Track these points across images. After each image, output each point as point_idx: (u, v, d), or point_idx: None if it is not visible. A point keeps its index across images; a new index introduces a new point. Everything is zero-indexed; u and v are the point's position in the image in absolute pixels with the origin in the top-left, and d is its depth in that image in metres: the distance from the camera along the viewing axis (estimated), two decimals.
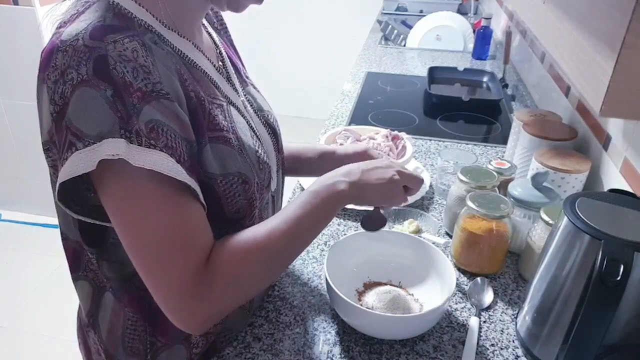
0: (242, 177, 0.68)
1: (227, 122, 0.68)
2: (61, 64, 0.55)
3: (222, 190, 0.66)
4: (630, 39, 0.46)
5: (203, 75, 0.68)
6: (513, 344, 0.80)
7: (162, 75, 0.58)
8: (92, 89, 0.54)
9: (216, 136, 0.65)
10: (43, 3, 2.19)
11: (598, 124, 1.10)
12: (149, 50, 0.57)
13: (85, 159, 0.54)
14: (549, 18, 0.72)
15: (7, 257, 2.44)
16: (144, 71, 0.56)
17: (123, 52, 0.55)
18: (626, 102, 0.50)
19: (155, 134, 0.56)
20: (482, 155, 1.39)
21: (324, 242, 1.03)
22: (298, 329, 0.82)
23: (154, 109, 0.56)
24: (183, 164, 0.58)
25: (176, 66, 0.62)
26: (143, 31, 0.60)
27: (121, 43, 0.56)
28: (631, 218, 0.68)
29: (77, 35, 0.56)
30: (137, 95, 0.55)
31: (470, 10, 2.76)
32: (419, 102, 1.76)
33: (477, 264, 0.93)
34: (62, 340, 2.00)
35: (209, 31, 0.78)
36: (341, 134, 1.25)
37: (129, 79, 0.55)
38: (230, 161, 0.66)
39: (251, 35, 3.74)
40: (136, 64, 0.56)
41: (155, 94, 0.56)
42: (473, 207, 0.90)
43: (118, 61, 0.55)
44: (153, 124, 0.56)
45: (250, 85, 0.82)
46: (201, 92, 0.65)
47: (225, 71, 0.75)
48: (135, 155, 0.54)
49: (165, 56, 0.61)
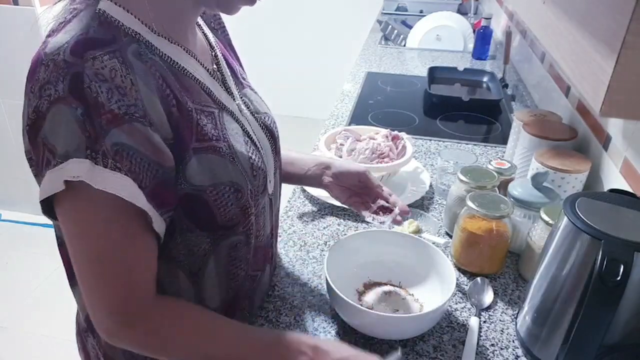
0: (233, 185, 0.67)
1: (217, 130, 0.67)
2: (42, 78, 0.55)
3: (212, 200, 0.65)
4: (630, 39, 0.46)
5: (193, 82, 0.66)
6: (513, 344, 0.80)
7: (143, 95, 0.57)
8: (65, 107, 0.54)
9: (205, 146, 0.64)
10: (43, 3, 2.19)
11: (598, 124, 1.10)
12: (129, 68, 0.56)
13: (54, 179, 0.55)
14: (549, 18, 0.72)
15: (7, 257, 2.44)
16: (119, 92, 0.55)
17: (100, 70, 0.54)
18: (626, 102, 0.50)
19: (120, 157, 0.55)
20: (482, 155, 1.39)
21: (324, 242, 1.03)
22: (298, 329, 0.82)
23: (122, 132, 0.55)
24: (145, 190, 0.57)
25: (159, 81, 0.60)
26: (128, 41, 0.59)
27: (100, 60, 0.55)
28: (631, 218, 0.68)
29: (59, 49, 0.55)
30: (107, 117, 0.54)
31: (470, 10, 2.76)
32: (419, 102, 1.76)
33: (477, 264, 0.93)
34: (62, 341, 2.00)
35: (205, 32, 0.77)
36: (341, 134, 1.25)
37: (101, 99, 0.54)
38: (220, 170, 0.65)
39: (251, 35, 3.74)
40: (112, 85, 0.55)
41: (128, 117, 0.55)
42: (473, 207, 0.90)
43: (93, 80, 0.54)
44: (118, 147, 0.55)
45: (248, 87, 0.81)
46: (189, 102, 0.63)
47: (219, 74, 0.74)
48: (98, 177, 0.55)
49: (148, 72, 0.59)
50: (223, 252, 0.71)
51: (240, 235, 0.72)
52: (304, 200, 1.16)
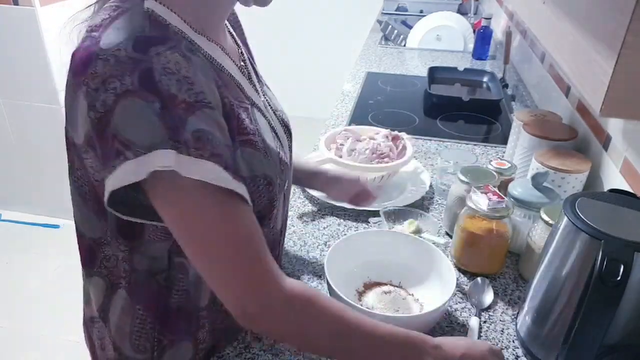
0: (267, 178, 0.69)
1: (252, 124, 0.69)
2: (102, 72, 0.56)
3: (250, 192, 0.66)
4: (630, 39, 0.46)
5: (230, 78, 0.69)
6: (513, 344, 0.80)
7: (203, 84, 0.60)
8: (140, 100, 0.55)
9: (244, 140, 0.66)
10: (43, 3, 2.19)
11: (598, 124, 1.10)
12: (189, 61, 0.59)
13: (136, 169, 0.56)
14: (549, 18, 0.72)
15: (7, 257, 2.44)
16: (187, 82, 0.58)
17: (167, 64, 0.57)
18: (626, 102, 0.50)
19: (202, 144, 0.57)
20: (482, 155, 1.39)
21: (324, 242, 1.03)
22: None
23: (198, 119, 0.57)
24: (229, 170, 0.59)
25: (210, 72, 0.63)
26: (179, 39, 0.61)
27: (164, 56, 0.57)
28: (631, 218, 0.68)
29: (119, 45, 0.56)
30: (182, 106, 0.57)
31: (470, 10, 2.76)
32: (419, 102, 1.76)
33: (477, 264, 0.93)
34: (62, 340, 2.00)
35: (230, 30, 0.79)
36: (341, 134, 1.25)
37: (174, 91, 0.56)
38: (257, 164, 0.67)
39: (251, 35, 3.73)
40: (179, 76, 0.57)
41: (199, 103, 0.58)
42: (473, 207, 0.90)
43: (163, 74, 0.56)
44: (199, 134, 0.57)
45: (265, 85, 0.83)
46: (229, 97, 0.66)
47: (247, 71, 0.76)
48: (184, 166, 0.56)
49: (202, 64, 0.62)
50: None
51: (265, 228, 0.73)
52: (304, 200, 1.16)
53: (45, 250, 2.45)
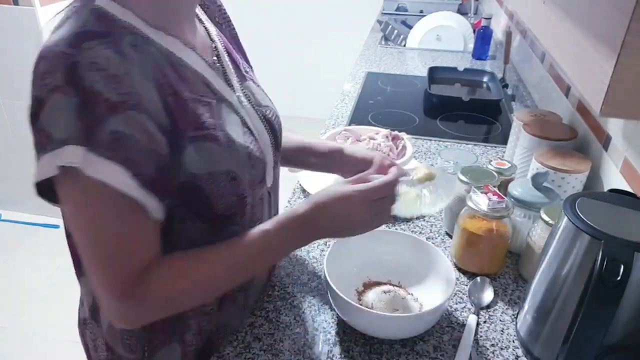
0: (230, 174, 0.68)
1: (214, 119, 0.68)
2: (41, 69, 0.57)
3: (209, 188, 0.66)
4: (630, 39, 0.46)
5: (192, 73, 0.68)
6: (513, 344, 0.80)
7: (137, 84, 0.59)
8: (62, 95, 0.56)
9: (202, 134, 0.66)
10: (43, 3, 2.19)
11: (598, 124, 1.10)
12: (123, 58, 0.58)
13: (49, 163, 0.57)
14: (549, 18, 0.72)
15: (7, 257, 2.45)
16: (115, 81, 0.57)
17: (96, 59, 0.56)
18: (626, 102, 0.50)
19: (117, 145, 0.57)
20: (482, 155, 1.39)
21: (324, 242, 1.03)
22: (298, 329, 0.82)
23: (119, 120, 0.57)
24: (139, 178, 0.59)
25: (155, 70, 0.62)
26: (124, 34, 0.61)
27: (95, 50, 0.57)
28: (631, 218, 0.68)
29: (58, 42, 0.57)
30: (104, 105, 0.56)
31: (470, 10, 2.76)
32: (419, 102, 1.76)
33: (477, 264, 0.93)
34: (62, 340, 2.00)
35: (206, 26, 0.78)
36: (341, 134, 1.25)
37: (97, 87, 0.56)
38: (217, 159, 0.67)
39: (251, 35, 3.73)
40: (107, 73, 0.56)
41: (124, 104, 0.57)
42: (473, 207, 0.90)
43: (88, 69, 0.56)
44: (116, 135, 0.57)
45: (250, 80, 0.82)
46: (185, 92, 0.65)
47: (220, 67, 0.75)
48: (90, 165, 0.56)
49: (144, 60, 0.61)
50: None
51: (237, 226, 0.72)
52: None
53: (45, 250, 2.45)
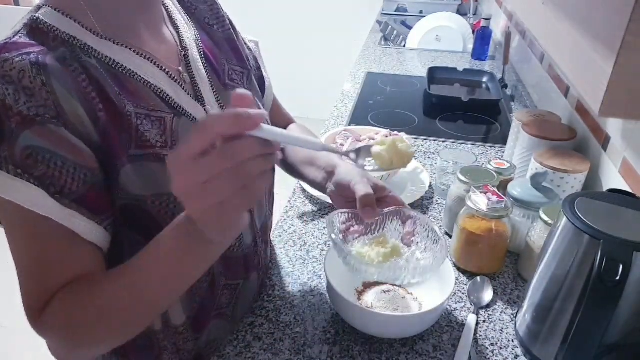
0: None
1: (165, 136, 0.63)
2: None
3: (156, 211, 0.62)
4: (629, 40, 0.46)
5: (142, 85, 0.63)
6: (512, 343, 0.81)
7: (57, 96, 0.55)
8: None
9: (146, 153, 0.61)
10: None
11: (597, 124, 1.10)
12: (41, 69, 0.54)
13: None
14: (548, 19, 0.72)
15: (7, 257, 2.44)
16: (26, 94, 0.53)
17: (8, 72, 0.53)
18: (625, 103, 0.50)
19: (33, 162, 0.53)
20: (481, 156, 1.39)
21: (324, 242, 1.03)
22: (298, 329, 0.82)
23: (34, 135, 0.53)
24: (66, 196, 0.55)
25: (82, 84, 0.57)
26: (56, 46, 0.57)
27: (10, 62, 0.54)
28: (630, 218, 0.68)
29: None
30: (16, 119, 0.53)
31: (469, 11, 2.77)
32: (418, 102, 1.76)
33: (477, 263, 0.93)
34: None
35: (180, 32, 0.72)
36: (341, 134, 1.26)
37: (9, 101, 0.53)
38: (163, 180, 0.61)
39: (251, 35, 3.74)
40: (19, 86, 0.53)
41: (40, 118, 0.54)
42: (472, 207, 0.90)
43: (0, 82, 0.53)
44: (31, 151, 0.53)
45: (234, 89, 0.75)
46: (128, 106, 0.60)
47: (187, 77, 0.69)
48: (2, 186, 0.53)
49: (68, 74, 0.57)
50: None
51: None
52: (304, 200, 1.16)
53: None
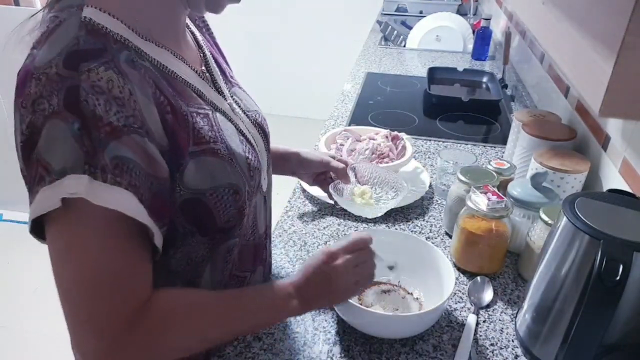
0: (232, 187, 0.66)
1: (214, 131, 0.66)
2: (34, 92, 0.53)
3: (213, 203, 0.64)
4: (629, 40, 0.46)
5: (184, 85, 0.65)
6: (512, 343, 0.81)
7: (141, 105, 0.56)
8: (61, 122, 0.52)
9: (203, 149, 0.63)
10: (44, 3, 2.19)
11: (597, 124, 1.10)
12: (125, 78, 0.55)
13: (50, 196, 0.53)
14: (548, 19, 0.72)
15: (7, 257, 2.44)
16: (117, 104, 0.54)
17: (97, 82, 0.53)
18: (625, 103, 0.50)
19: (120, 171, 0.54)
20: (481, 156, 1.39)
21: (324, 242, 1.03)
22: (298, 329, 0.82)
23: (122, 145, 0.54)
24: (144, 203, 0.56)
25: (153, 87, 0.59)
26: (119, 48, 0.57)
27: (95, 72, 0.53)
28: (630, 218, 0.68)
29: (51, 62, 0.53)
30: (105, 129, 0.53)
31: (469, 11, 2.77)
32: (418, 102, 1.76)
33: (477, 263, 0.93)
34: (62, 340, 1.99)
35: (193, 31, 0.75)
36: (341, 134, 1.26)
37: (99, 112, 0.53)
38: (219, 173, 0.65)
39: (251, 35, 3.74)
40: (110, 96, 0.53)
41: (127, 128, 0.54)
42: (472, 207, 0.90)
43: (90, 92, 0.52)
44: (118, 161, 0.54)
45: (236, 85, 0.80)
46: (183, 106, 0.62)
47: (209, 75, 0.72)
48: (97, 193, 0.53)
49: (143, 80, 0.58)
50: (219, 257, 0.71)
51: (236, 239, 0.72)
52: (304, 200, 1.16)
53: (45, 250, 2.44)
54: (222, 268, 0.73)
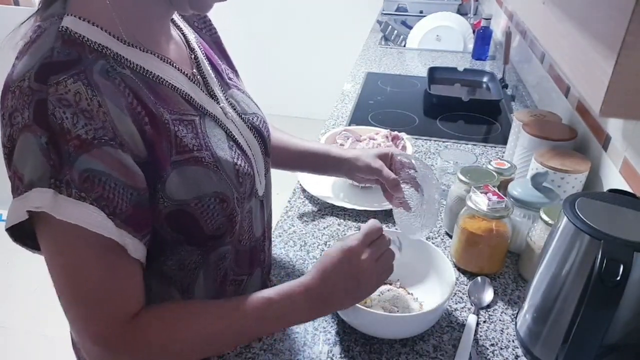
0: (218, 196, 0.65)
1: (198, 139, 0.64)
2: (10, 106, 0.54)
3: (198, 212, 0.63)
4: (629, 39, 0.46)
5: (170, 90, 0.64)
6: (513, 343, 0.81)
7: (113, 116, 0.55)
8: (31, 135, 0.53)
9: (186, 158, 0.62)
10: None
11: (598, 124, 1.10)
12: (95, 90, 0.54)
13: (18, 207, 0.54)
14: (549, 18, 0.72)
15: (7, 257, 2.44)
16: (85, 116, 0.53)
17: (64, 95, 0.53)
18: (626, 102, 0.50)
19: (90, 185, 0.54)
20: (482, 156, 1.39)
21: (324, 242, 1.03)
22: (298, 329, 0.82)
23: (92, 158, 0.54)
24: (117, 216, 0.56)
25: (128, 98, 0.58)
26: (95, 58, 0.56)
27: (64, 85, 0.53)
28: (631, 218, 0.68)
29: (25, 75, 0.54)
30: (74, 143, 0.53)
31: (470, 11, 2.76)
32: (419, 102, 1.76)
33: (477, 264, 0.93)
34: (62, 340, 1.99)
35: (185, 33, 0.74)
36: (341, 134, 1.25)
37: (67, 125, 0.52)
38: (204, 181, 0.64)
39: (251, 35, 3.74)
40: (77, 109, 0.53)
41: (97, 141, 0.54)
42: (473, 207, 0.90)
43: (57, 106, 0.52)
44: (88, 174, 0.53)
45: (234, 87, 0.78)
46: (165, 114, 0.61)
47: (200, 78, 0.71)
48: (61, 208, 0.53)
49: (116, 90, 0.57)
50: (212, 263, 0.71)
51: (228, 245, 0.71)
52: (304, 200, 1.16)
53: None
54: (216, 273, 0.72)
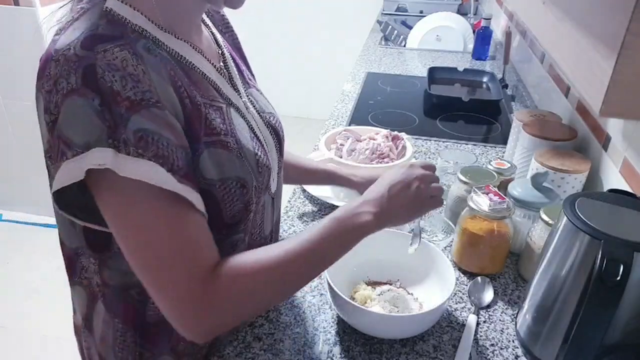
0: (240, 181, 0.67)
1: (225, 125, 0.67)
2: (54, 74, 0.56)
3: (221, 195, 0.65)
4: (630, 39, 0.46)
5: (201, 77, 0.67)
6: (513, 343, 0.81)
7: (155, 83, 0.58)
8: (80, 98, 0.54)
9: (213, 140, 0.64)
10: (44, 3, 2.19)
11: (598, 124, 1.10)
12: (139, 59, 0.57)
13: (74, 169, 0.55)
14: (549, 18, 0.72)
15: (7, 257, 2.44)
16: (133, 80, 0.56)
17: (112, 61, 0.55)
18: (626, 102, 0.50)
19: (144, 143, 0.55)
20: (482, 156, 1.39)
21: None
22: (298, 329, 0.82)
23: (143, 118, 0.56)
24: (176, 172, 0.57)
25: (170, 73, 0.61)
26: (136, 38, 0.60)
27: (111, 52, 0.56)
28: (631, 218, 0.68)
29: (70, 45, 0.56)
30: (125, 104, 0.55)
31: (470, 11, 2.76)
32: (419, 102, 1.76)
33: (478, 264, 0.93)
34: (62, 340, 2.00)
35: (213, 31, 0.78)
36: (341, 134, 1.25)
37: (117, 87, 0.55)
38: (228, 165, 0.66)
39: (251, 35, 3.74)
40: (125, 73, 0.55)
41: (145, 102, 0.56)
42: (474, 207, 0.90)
43: (106, 70, 0.55)
44: (142, 133, 0.55)
45: (253, 87, 0.82)
46: (197, 97, 0.64)
47: (226, 72, 0.74)
48: (122, 165, 0.54)
49: (159, 63, 0.60)
50: (223, 252, 0.71)
51: (241, 234, 0.72)
52: (304, 200, 1.16)
53: (45, 250, 2.45)
54: None
